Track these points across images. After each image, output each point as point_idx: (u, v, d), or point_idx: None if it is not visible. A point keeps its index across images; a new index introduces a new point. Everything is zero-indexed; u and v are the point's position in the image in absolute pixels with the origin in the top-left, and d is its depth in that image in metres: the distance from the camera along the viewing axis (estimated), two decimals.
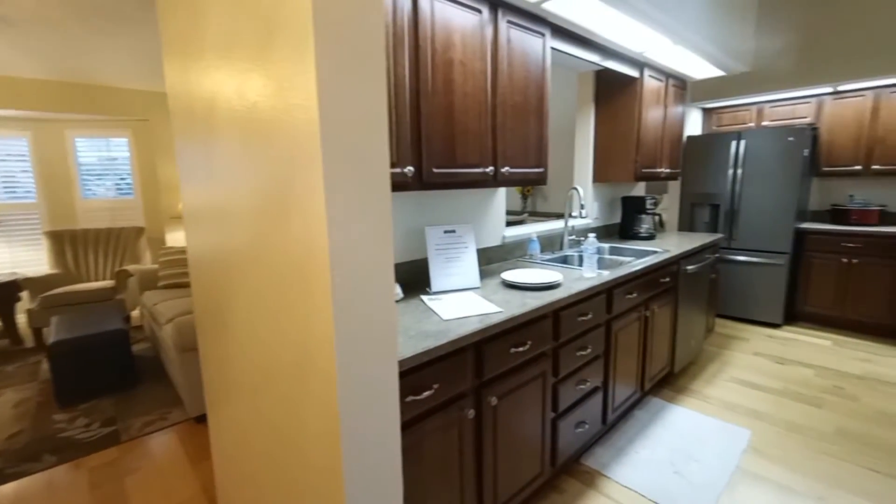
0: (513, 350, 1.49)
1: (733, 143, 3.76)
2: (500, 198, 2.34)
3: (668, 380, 2.84)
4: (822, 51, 3.45)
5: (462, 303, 1.58)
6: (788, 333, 3.61)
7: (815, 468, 1.99)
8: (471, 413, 1.37)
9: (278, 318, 1.02)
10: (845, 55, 3.36)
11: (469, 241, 1.85)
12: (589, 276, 1.96)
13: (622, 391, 2.23)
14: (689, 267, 2.69)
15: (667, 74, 2.99)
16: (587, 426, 1.97)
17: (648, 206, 3.02)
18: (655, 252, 2.55)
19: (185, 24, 1.29)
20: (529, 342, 1.56)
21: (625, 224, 3.17)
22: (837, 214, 3.74)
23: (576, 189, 2.53)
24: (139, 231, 4.66)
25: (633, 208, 3.11)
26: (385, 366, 0.95)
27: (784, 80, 3.63)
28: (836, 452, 2.10)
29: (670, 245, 2.77)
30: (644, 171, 2.87)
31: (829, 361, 3.07)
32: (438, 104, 1.55)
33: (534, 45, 1.90)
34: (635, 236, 3.07)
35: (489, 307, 1.52)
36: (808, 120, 3.82)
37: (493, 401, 1.44)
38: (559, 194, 5.02)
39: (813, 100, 3.78)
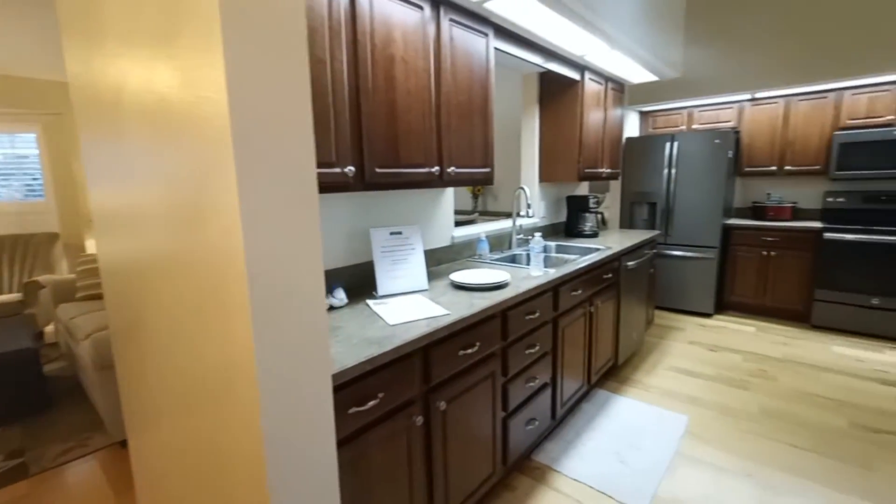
0: (461, 352, 1.47)
1: (667, 145, 3.99)
2: (448, 198, 2.32)
3: (613, 372, 2.96)
4: (739, 62, 3.74)
5: (409, 306, 1.54)
6: (719, 322, 3.89)
7: (745, 447, 2.14)
8: (419, 420, 1.33)
9: (196, 334, 0.92)
10: (759, 66, 3.66)
11: (416, 243, 1.81)
12: (536, 274, 1.99)
13: (570, 385, 2.28)
14: (630, 263, 2.81)
15: (606, 78, 3.11)
16: (537, 423, 1.99)
17: (591, 205, 3.13)
18: (598, 249, 2.64)
19: (82, 4, 1.15)
20: (478, 343, 1.54)
21: (570, 222, 3.26)
22: (757, 211, 4.08)
23: (522, 189, 2.56)
24: (52, 237, 4.20)
25: (577, 207, 3.21)
26: (316, 382, 0.89)
27: (709, 87, 3.90)
28: (761, 431, 2.27)
29: (612, 242, 2.88)
30: (587, 171, 2.96)
31: (753, 347, 3.33)
32: (380, 102, 1.50)
33: (477, 45, 1.90)
34: (580, 234, 3.17)
35: (437, 310, 1.49)
36: (731, 124, 4.13)
37: (442, 406, 1.41)
38: (509, 194, 5.10)
39: (735, 105, 4.10)
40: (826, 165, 3.70)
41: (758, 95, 3.91)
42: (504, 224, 2.79)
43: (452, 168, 1.81)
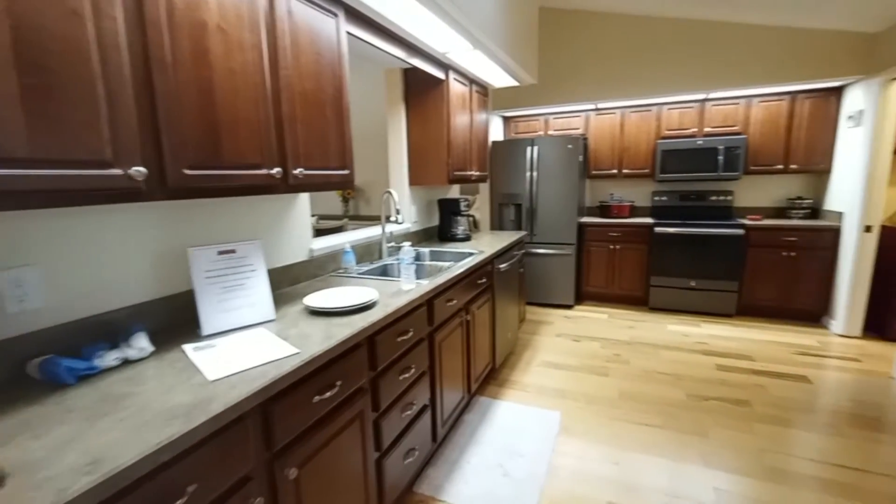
0: (317, 398, 1.19)
1: (528, 149, 4.20)
2: (303, 205, 1.99)
3: (492, 375, 2.95)
4: (584, 75, 4.12)
5: (245, 347, 1.20)
6: (579, 312, 4.23)
7: (609, 434, 2.26)
8: (259, 502, 1.01)
9: None
10: (600, 80, 4.08)
11: (257, 262, 1.45)
12: (408, 288, 1.79)
13: (451, 401, 2.15)
14: (502, 265, 2.82)
15: (470, 80, 3.08)
16: (417, 452, 1.80)
17: (463, 208, 3.08)
18: (472, 254, 2.57)
19: None
20: (339, 382, 1.28)
21: (443, 226, 3.17)
22: (604, 209, 4.56)
23: (390, 193, 2.35)
24: None
25: (449, 210, 3.13)
26: None
27: (560, 96, 4.22)
28: (621, 415, 2.44)
29: (485, 245, 2.86)
30: (456, 173, 2.89)
31: (608, 333, 3.68)
32: (187, 80, 1.13)
33: (324, 26, 1.61)
34: (453, 238, 3.10)
35: (282, 348, 1.18)
36: (580, 131, 4.54)
37: (293, 473, 1.11)
38: (382, 197, 4.86)
39: (582, 114, 4.52)
40: (653, 169, 4.30)
41: (600, 106, 4.36)
42: (374, 231, 2.55)
43: (300, 169, 1.50)
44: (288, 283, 1.89)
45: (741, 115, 3.98)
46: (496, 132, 4.70)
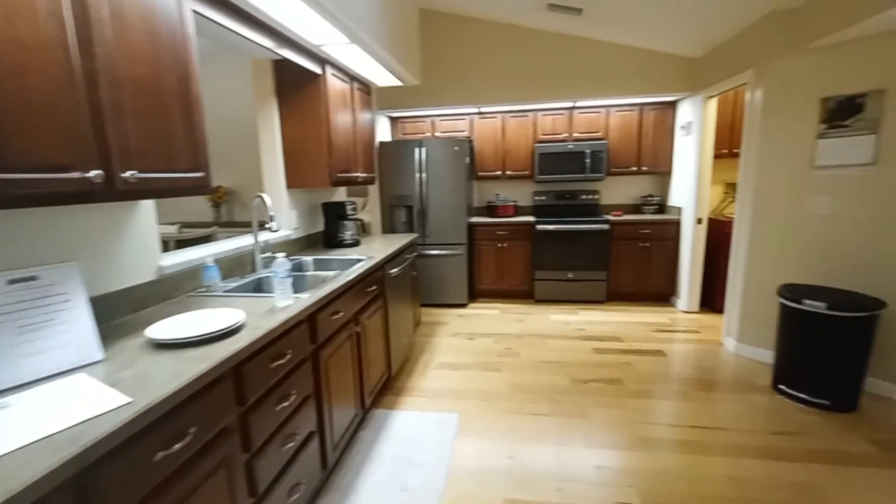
0: (162, 454, 0.97)
1: (416, 150, 4.18)
2: (146, 214, 1.66)
3: (389, 384, 2.85)
4: (467, 79, 4.23)
5: (52, 404, 0.92)
6: (473, 310, 4.35)
7: (504, 429, 2.33)
8: None
9: None
10: (481, 85, 4.23)
11: (71, 290, 1.15)
12: (284, 304, 1.60)
13: (342, 421, 2.00)
14: (394, 270, 2.73)
15: (351, 77, 2.93)
16: (304, 485, 1.62)
17: (349, 212, 2.92)
18: (361, 260, 2.44)
19: None
20: (193, 429, 1.06)
21: (329, 232, 2.97)
22: (491, 209, 4.76)
23: (261, 197, 2.10)
24: None
25: (335, 214, 2.94)
26: None
27: (445, 98, 4.28)
28: (514, 408, 2.53)
29: (375, 250, 2.74)
30: (340, 175, 2.72)
31: (500, 328, 3.84)
32: None
33: (160, 1, 1.34)
34: (341, 244, 2.92)
35: (108, 399, 0.94)
36: (465, 133, 4.66)
37: None
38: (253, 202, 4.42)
39: (467, 117, 4.64)
40: (532, 171, 4.60)
41: (483, 110, 4.53)
42: (246, 241, 2.26)
43: (132, 172, 1.22)
44: (129, 310, 1.56)
45: (602, 122, 4.46)
46: (383, 132, 4.60)
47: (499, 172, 4.69)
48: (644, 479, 1.94)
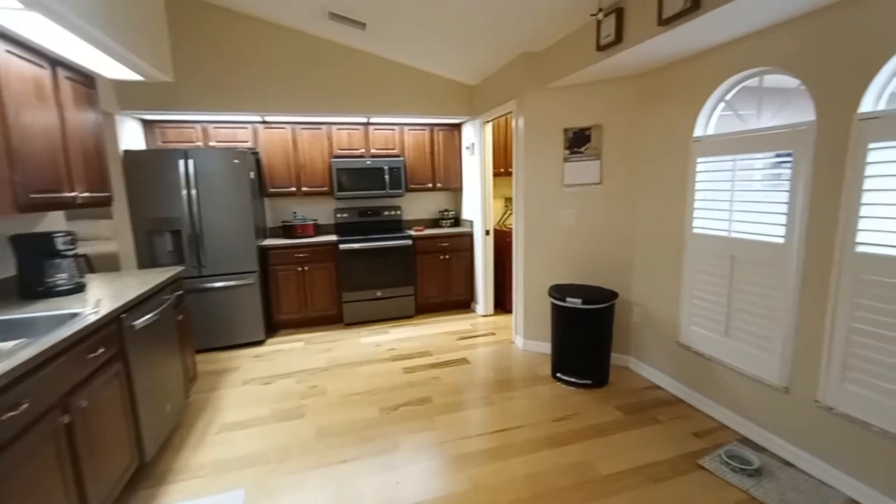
0: None
1: (181, 162, 3.40)
2: None
3: (144, 474, 2.13)
4: (247, 84, 3.69)
5: None
6: (272, 347, 3.78)
7: (307, 492, 1.97)
8: None
9: None
10: (264, 91, 3.75)
11: None
12: None
13: None
14: (140, 320, 2.06)
15: (53, 61, 2.11)
16: None
17: (63, 246, 2.09)
18: (78, 315, 1.73)
19: None
20: None
21: (26, 276, 2.07)
22: (287, 230, 4.28)
23: None
24: None
25: (37, 252, 2.07)
26: None
27: (217, 103, 3.64)
28: (319, 461, 2.20)
29: (108, 296, 2.02)
30: (37, 196, 1.91)
31: (304, 363, 3.41)
32: None
33: None
34: (50, 292, 2.06)
35: None
36: (248, 144, 4.07)
37: None
38: None
39: (249, 126, 4.06)
40: (331, 187, 4.33)
41: (268, 119, 4.03)
42: None
43: None
44: None
45: (398, 140, 4.52)
46: (131, 139, 3.62)
47: (294, 189, 4.25)
48: (459, 503, 1.89)
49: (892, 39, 1.63)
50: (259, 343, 3.85)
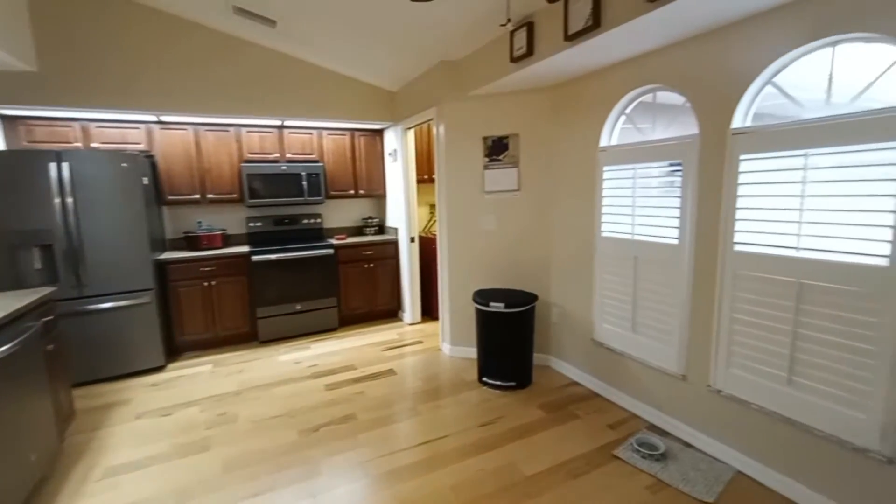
0: None
1: (52, 166, 2.92)
2: None
3: None
4: (138, 79, 3.29)
5: None
6: (173, 373, 3.38)
7: None
8: None
9: None
10: (159, 88, 3.38)
11: None
12: None
13: None
14: None
15: None
16: None
17: None
18: None
19: None
20: None
21: None
22: (191, 241, 3.87)
23: None
24: None
25: None
26: None
27: (100, 98, 3.20)
28: (227, 497, 1.97)
29: None
30: None
31: (211, 388, 3.09)
32: None
33: None
34: None
35: None
36: (142, 146, 3.62)
37: None
38: None
39: (142, 126, 3.62)
40: (241, 193, 4.00)
41: (166, 119, 3.63)
42: None
43: None
44: None
45: (316, 144, 4.32)
46: None
47: (198, 196, 3.86)
48: None
49: (754, 67, 1.87)
50: (158, 369, 3.42)
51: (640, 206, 2.50)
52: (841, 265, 1.65)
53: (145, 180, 3.33)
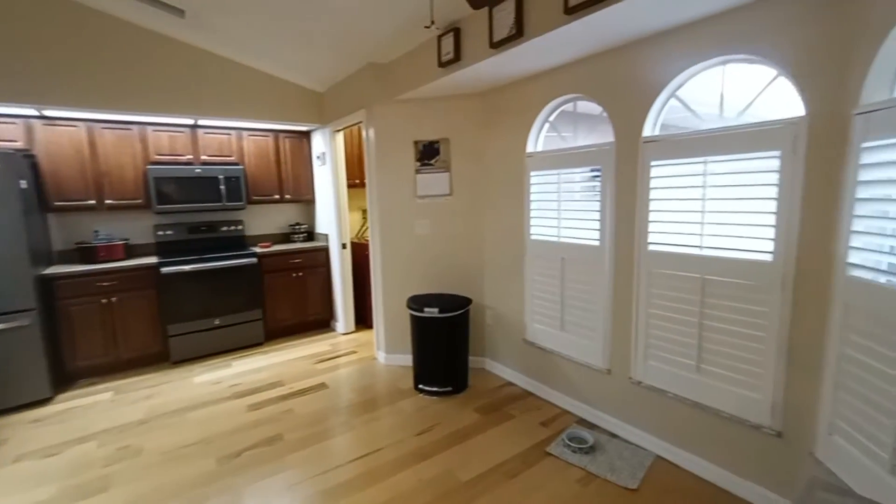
0: None
1: None
2: None
3: None
4: (12, 65, 2.84)
5: None
6: (63, 404, 2.93)
7: None
8: None
9: None
10: (40, 75, 2.94)
11: None
12: None
13: None
14: None
15: None
16: None
17: None
18: None
19: None
20: None
21: None
22: (86, 253, 3.40)
23: None
24: None
25: None
26: None
27: None
28: None
29: None
30: None
31: (111, 419, 2.72)
32: None
33: None
34: None
35: None
36: (19, 144, 3.13)
37: None
38: None
39: (20, 121, 3.13)
40: (147, 199, 3.60)
41: (50, 114, 3.17)
42: None
43: None
44: None
45: (235, 146, 4.02)
46: None
47: (93, 202, 3.41)
48: None
49: (660, 80, 2.03)
50: (43, 402, 2.94)
51: (565, 209, 2.61)
52: (736, 261, 1.84)
53: (23, 183, 2.87)
